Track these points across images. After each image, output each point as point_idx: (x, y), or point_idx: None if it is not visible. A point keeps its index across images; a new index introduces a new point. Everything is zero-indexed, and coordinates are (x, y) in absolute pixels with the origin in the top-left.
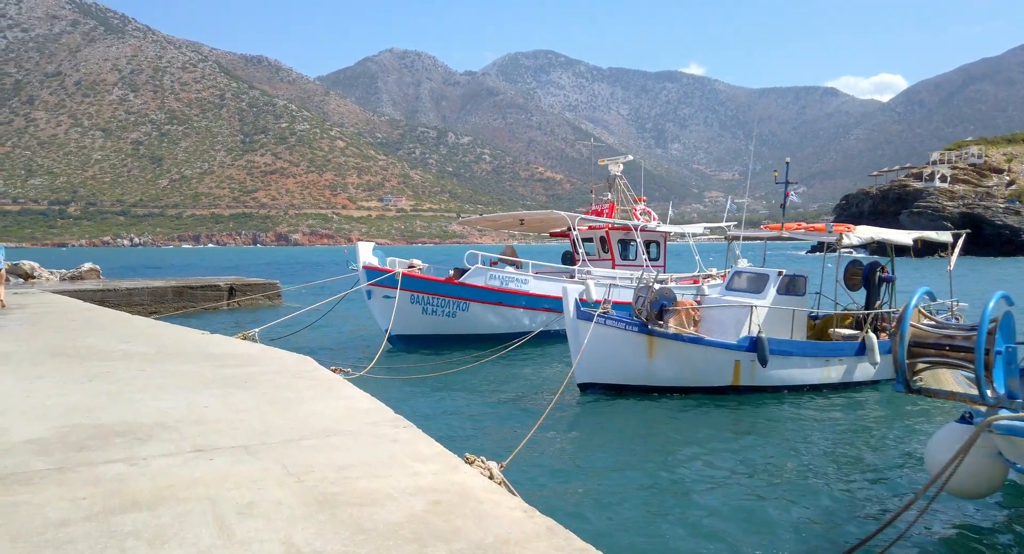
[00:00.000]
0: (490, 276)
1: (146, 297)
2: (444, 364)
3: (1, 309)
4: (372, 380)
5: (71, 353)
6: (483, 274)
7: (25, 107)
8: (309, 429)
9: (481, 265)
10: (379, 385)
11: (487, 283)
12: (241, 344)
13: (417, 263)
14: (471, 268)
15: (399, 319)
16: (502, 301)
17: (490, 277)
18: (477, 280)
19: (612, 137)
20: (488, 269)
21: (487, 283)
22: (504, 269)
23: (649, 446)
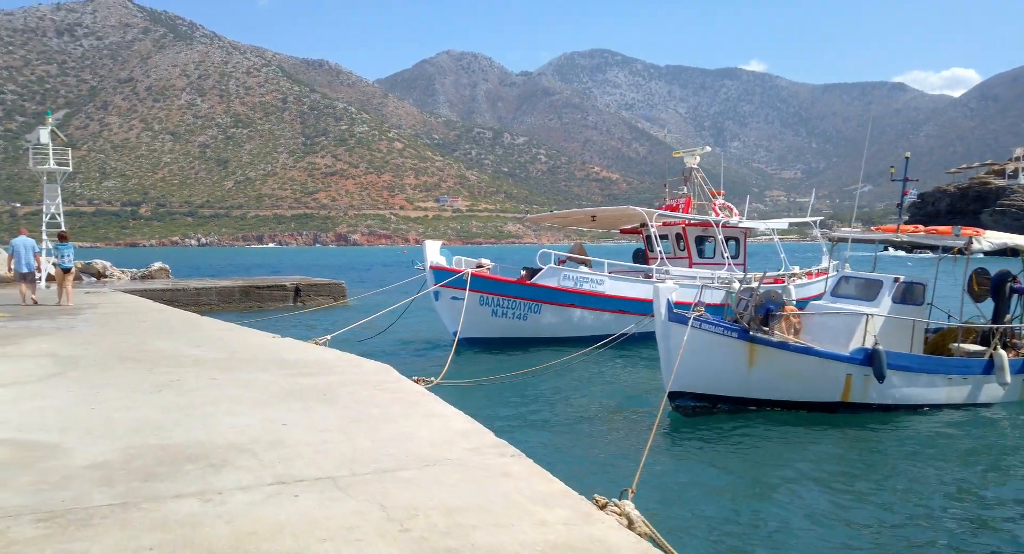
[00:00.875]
0: (563, 277)
1: (214, 297)
2: (522, 371)
3: (69, 308)
4: (452, 388)
5: (140, 358)
6: (556, 275)
7: (100, 112)
8: (404, 456)
9: (554, 265)
10: (460, 394)
11: (560, 284)
12: (315, 350)
13: (486, 262)
14: (543, 268)
15: (467, 321)
16: (575, 303)
17: (563, 278)
18: (550, 281)
19: (669, 136)
20: (561, 269)
21: (560, 284)
22: (578, 269)
23: (755, 470)
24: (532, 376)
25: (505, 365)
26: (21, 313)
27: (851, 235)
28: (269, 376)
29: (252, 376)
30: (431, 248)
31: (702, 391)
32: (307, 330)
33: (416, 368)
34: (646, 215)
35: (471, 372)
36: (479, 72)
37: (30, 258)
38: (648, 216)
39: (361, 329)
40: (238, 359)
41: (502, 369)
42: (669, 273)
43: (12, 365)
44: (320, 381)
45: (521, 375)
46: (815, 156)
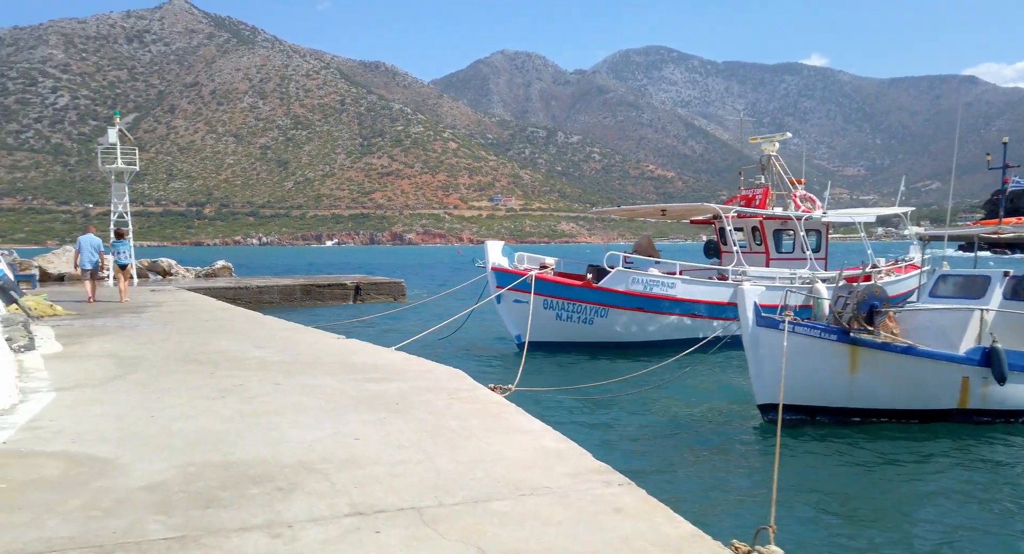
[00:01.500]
0: (632, 280)
1: (276, 295)
2: (597, 380)
3: (133, 306)
4: (530, 397)
5: (202, 360)
6: (625, 278)
7: (167, 115)
8: (494, 481)
9: (622, 269)
10: (540, 405)
11: (629, 288)
12: (382, 353)
13: (549, 262)
14: (612, 270)
15: (531, 325)
16: (645, 307)
17: (632, 281)
18: (618, 285)
19: (727, 133)
20: (630, 273)
21: (629, 288)
22: (648, 271)
23: (887, 493)
24: (612, 385)
25: (579, 373)
26: (86, 311)
27: (947, 232)
28: (336, 381)
29: (318, 381)
30: (493, 249)
31: (798, 402)
32: (369, 330)
33: (484, 374)
34: (721, 211)
35: (545, 380)
36: (533, 71)
37: (94, 256)
38: (724, 212)
39: (419, 330)
40: (303, 362)
41: (575, 377)
42: (746, 273)
43: (75, 366)
44: (391, 388)
45: (601, 385)
46: (879, 152)
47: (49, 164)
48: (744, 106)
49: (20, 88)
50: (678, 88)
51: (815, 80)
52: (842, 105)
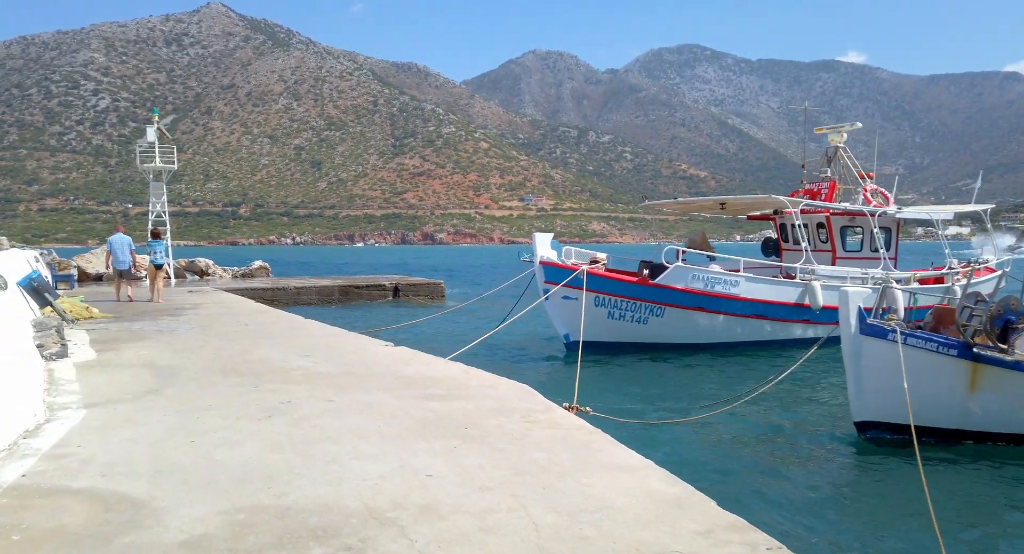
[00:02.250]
0: (693, 277)
1: (314, 296)
2: (665, 391)
3: (171, 308)
4: (602, 411)
5: (244, 370)
6: (684, 274)
7: (204, 117)
8: (611, 543)
9: (681, 264)
10: (621, 427)
11: (688, 285)
12: (437, 364)
13: (600, 257)
14: (669, 266)
15: (579, 323)
16: (704, 306)
17: (692, 279)
18: (677, 281)
19: (761, 131)
20: (690, 269)
21: (688, 285)
22: (709, 267)
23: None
24: (688, 399)
25: (644, 383)
26: (124, 313)
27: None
28: (393, 398)
29: (374, 398)
30: (541, 241)
31: (903, 421)
32: (413, 334)
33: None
34: (791, 205)
35: (608, 393)
36: (564, 71)
37: (127, 255)
38: (793, 206)
39: (465, 333)
40: (353, 374)
41: (642, 389)
42: (815, 273)
43: (108, 377)
44: (455, 408)
45: (675, 400)
46: (918, 151)
47: (90, 165)
48: (779, 104)
49: (63, 91)
50: (711, 86)
51: (852, 77)
52: (880, 103)
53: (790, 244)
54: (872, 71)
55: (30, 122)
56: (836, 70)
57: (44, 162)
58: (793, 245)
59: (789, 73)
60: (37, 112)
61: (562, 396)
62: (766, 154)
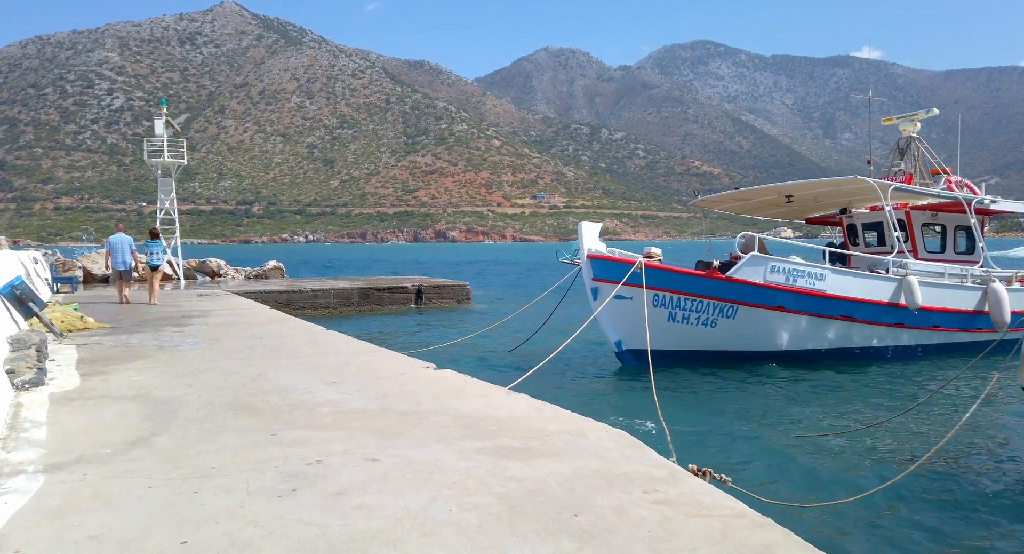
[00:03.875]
0: (771, 269)
1: (332, 299)
2: (782, 418)
3: (175, 315)
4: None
5: (259, 406)
6: (762, 265)
7: (217, 116)
8: None
9: (758, 253)
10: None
11: (767, 279)
12: (496, 395)
13: (655, 252)
14: (743, 257)
15: (636, 328)
16: (785, 305)
17: (771, 270)
18: (753, 275)
19: (775, 128)
20: (768, 258)
21: (767, 279)
22: (791, 259)
23: None
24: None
25: (747, 415)
26: (122, 323)
27: None
28: (457, 455)
29: (431, 453)
30: (589, 232)
31: None
32: (448, 347)
33: (607, 412)
34: (880, 190)
35: (715, 433)
36: (577, 68)
37: (127, 255)
38: (883, 191)
39: (498, 340)
40: (397, 412)
41: (744, 424)
42: (907, 267)
43: (88, 416)
44: (545, 472)
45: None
46: (935, 147)
47: (105, 164)
48: (793, 101)
49: (78, 90)
50: (725, 83)
51: (867, 73)
52: (896, 98)
53: (860, 247)
54: (887, 67)
55: (46, 121)
56: (851, 66)
57: (59, 161)
58: (865, 249)
59: (803, 69)
60: (52, 111)
61: (656, 442)
62: (780, 150)
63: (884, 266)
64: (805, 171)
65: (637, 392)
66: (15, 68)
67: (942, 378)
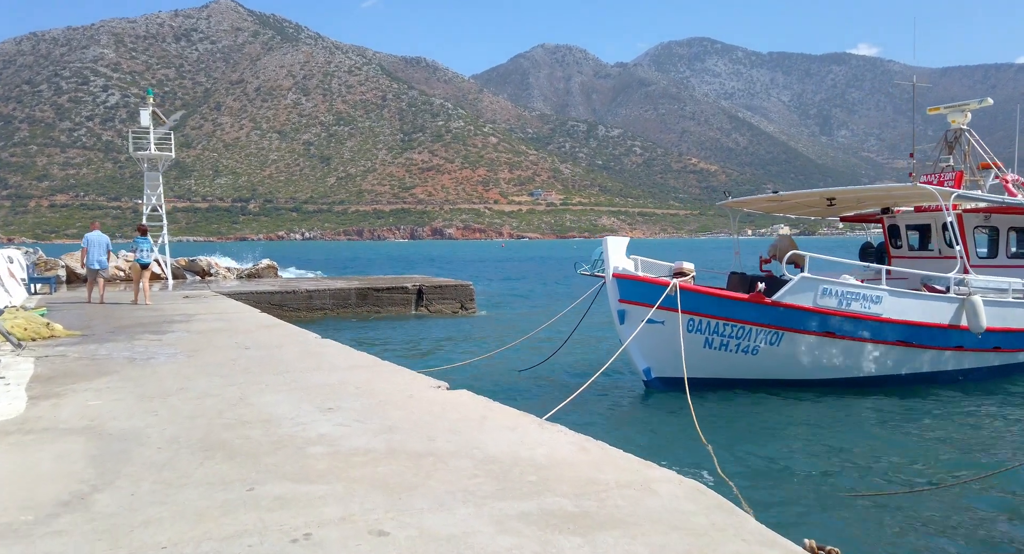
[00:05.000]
0: (823, 291)
1: (327, 300)
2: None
3: (155, 319)
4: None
5: (235, 445)
6: (813, 288)
7: (213, 113)
8: None
9: (808, 275)
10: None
11: (817, 303)
12: (526, 425)
13: (688, 268)
14: (792, 279)
15: (667, 355)
16: (836, 331)
17: (823, 293)
18: (802, 299)
19: (772, 125)
20: (820, 280)
21: (817, 303)
22: (842, 278)
23: None
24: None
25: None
26: (96, 329)
27: None
28: (493, 525)
29: (458, 523)
30: (615, 248)
31: None
32: (443, 354)
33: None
34: (940, 196)
35: (788, 481)
36: (573, 65)
37: (103, 254)
38: (944, 197)
39: (505, 361)
40: (408, 453)
41: (811, 466)
42: (966, 283)
43: (21, 459)
44: (607, 546)
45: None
46: (932, 144)
47: (100, 161)
48: (789, 98)
49: (73, 87)
50: (721, 80)
51: (864, 70)
52: (892, 96)
53: (903, 250)
54: (884, 64)
55: (40, 118)
56: (847, 63)
57: (55, 158)
58: (907, 251)
59: (800, 66)
60: (47, 108)
61: (718, 488)
62: (777, 148)
63: (942, 283)
64: (801, 168)
65: (674, 425)
66: (9, 65)
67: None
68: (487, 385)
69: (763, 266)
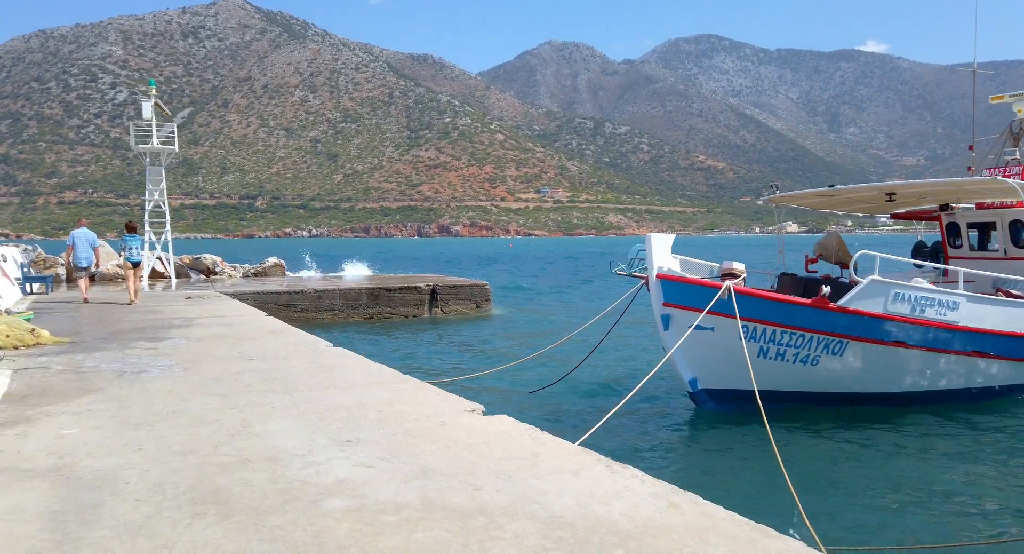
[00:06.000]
0: (895, 296)
1: (337, 301)
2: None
3: (145, 310)
4: None
5: (234, 496)
6: (883, 293)
7: (221, 110)
8: None
9: (879, 278)
10: None
11: (888, 310)
12: (591, 469)
13: (738, 268)
14: (861, 282)
15: (717, 364)
16: (907, 341)
17: (895, 299)
18: (871, 304)
19: (780, 122)
20: (891, 283)
21: (888, 310)
22: (914, 282)
23: None
24: None
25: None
26: (87, 336)
27: None
28: None
29: None
30: (659, 246)
31: None
32: (462, 361)
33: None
34: (1022, 191)
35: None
36: (580, 62)
37: (89, 252)
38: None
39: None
40: (450, 510)
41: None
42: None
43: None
44: None
45: None
46: (940, 141)
47: (108, 158)
48: (798, 95)
49: (81, 84)
50: (729, 77)
51: (873, 67)
52: (901, 93)
53: (963, 250)
54: (893, 61)
55: (49, 115)
56: (856, 60)
57: (63, 155)
58: (968, 252)
59: (808, 63)
60: (56, 105)
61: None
62: (784, 145)
63: (1020, 287)
64: (810, 165)
65: (737, 453)
66: (18, 62)
67: None
68: (514, 401)
69: (808, 266)
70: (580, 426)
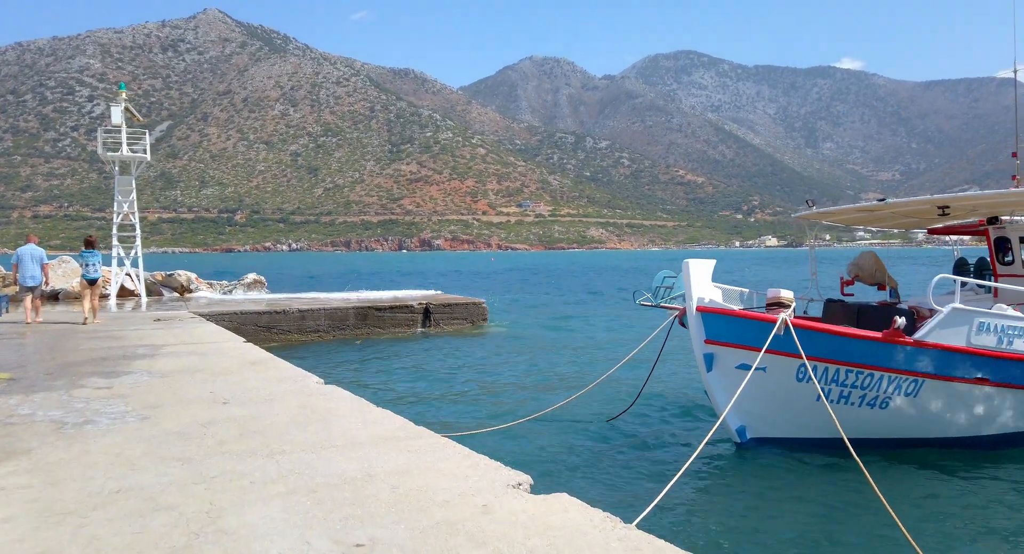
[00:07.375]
0: (980, 326)
1: (323, 321)
2: None
3: (105, 335)
4: None
5: None
6: (966, 323)
7: (200, 123)
8: None
9: (960, 306)
10: None
11: (971, 342)
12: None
13: (786, 296)
14: (940, 311)
15: (769, 410)
16: (991, 377)
17: (979, 329)
18: (952, 337)
19: (758, 137)
20: (975, 312)
21: (971, 342)
22: (999, 311)
23: None
24: None
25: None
26: (33, 369)
27: None
28: None
29: None
30: (697, 273)
31: None
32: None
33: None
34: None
35: None
36: (561, 77)
37: (36, 269)
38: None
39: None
40: None
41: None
42: None
43: None
44: None
45: None
46: (915, 157)
47: (85, 171)
48: (775, 110)
49: (58, 97)
50: (708, 92)
51: (848, 83)
52: (876, 109)
53: (1014, 266)
54: (868, 77)
55: (25, 128)
56: (832, 76)
57: (38, 168)
58: (1021, 269)
59: (785, 79)
60: (32, 118)
61: None
62: (763, 160)
63: None
64: (787, 180)
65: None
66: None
67: None
68: (548, 459)
69: (844, 289)
70: (639, 492)
